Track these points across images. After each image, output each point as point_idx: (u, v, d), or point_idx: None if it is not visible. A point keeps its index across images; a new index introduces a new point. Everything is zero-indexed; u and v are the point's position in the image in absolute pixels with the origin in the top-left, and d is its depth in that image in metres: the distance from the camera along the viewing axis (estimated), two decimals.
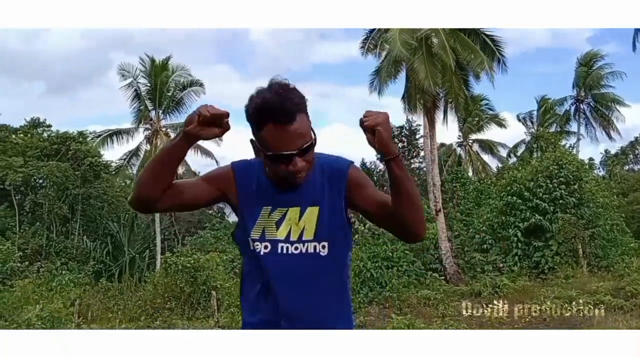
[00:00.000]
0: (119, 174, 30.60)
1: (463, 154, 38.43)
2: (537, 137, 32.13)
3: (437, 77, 20.76)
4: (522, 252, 19.83)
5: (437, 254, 20.64)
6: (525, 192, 20.09)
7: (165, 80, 27.80)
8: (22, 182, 28.86)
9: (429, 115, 21.67)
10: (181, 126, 1.99)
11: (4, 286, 23.05)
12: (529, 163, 22.61)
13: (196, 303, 18.87)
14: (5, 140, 30.66)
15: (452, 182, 27.82)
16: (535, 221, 19.59)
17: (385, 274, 18.08)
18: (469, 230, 22.28)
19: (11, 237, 27.76)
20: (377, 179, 38.49)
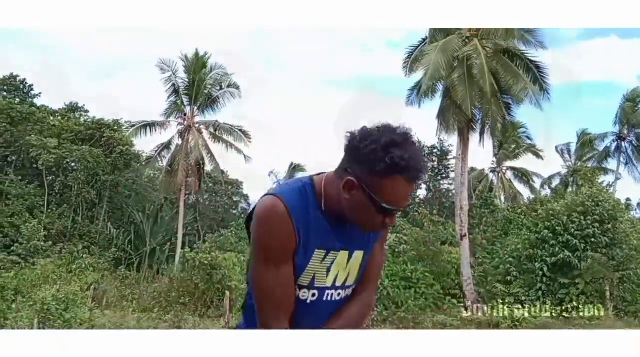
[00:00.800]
0: (149, 165, 30.80)
1: (495, 181, 37.80)
2: (574, 171, 31.42)
3: (475, 99, 20.40)
4: (546, 287, 19.21)
5: (457, 279, 20.20)
6: (557, 226, 19.51)
7: (204, 78, 28.12)
8: (55, 164, 29.34)
9: (463, 136, 21.27)
10: (214, 125, 1.81)
11: (27, 263, 23.42)
12: (563, 197, 21.99)
13: (209, 301, 18.82)
14: (43, 121, 31.19)
15: (480, 208, 27.27)
16: (564, 257, 18.98)
17: (402, 294, 17.78)
18: (494, 259, 21.73)
19: (38, 216, 28.22)
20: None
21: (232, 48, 57.11)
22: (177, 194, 29.10)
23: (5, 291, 16.67)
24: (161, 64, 28.10)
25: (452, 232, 23.39)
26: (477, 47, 20.18)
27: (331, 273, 1.90)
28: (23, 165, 32.09)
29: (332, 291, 1.92)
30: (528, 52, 21.38)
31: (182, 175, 27.26)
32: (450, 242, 22.90)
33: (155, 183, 33.10)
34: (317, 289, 1.89)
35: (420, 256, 20.55)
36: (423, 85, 21.08)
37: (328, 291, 1.91)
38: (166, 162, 28.95)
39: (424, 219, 24.66)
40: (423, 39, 22.62)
